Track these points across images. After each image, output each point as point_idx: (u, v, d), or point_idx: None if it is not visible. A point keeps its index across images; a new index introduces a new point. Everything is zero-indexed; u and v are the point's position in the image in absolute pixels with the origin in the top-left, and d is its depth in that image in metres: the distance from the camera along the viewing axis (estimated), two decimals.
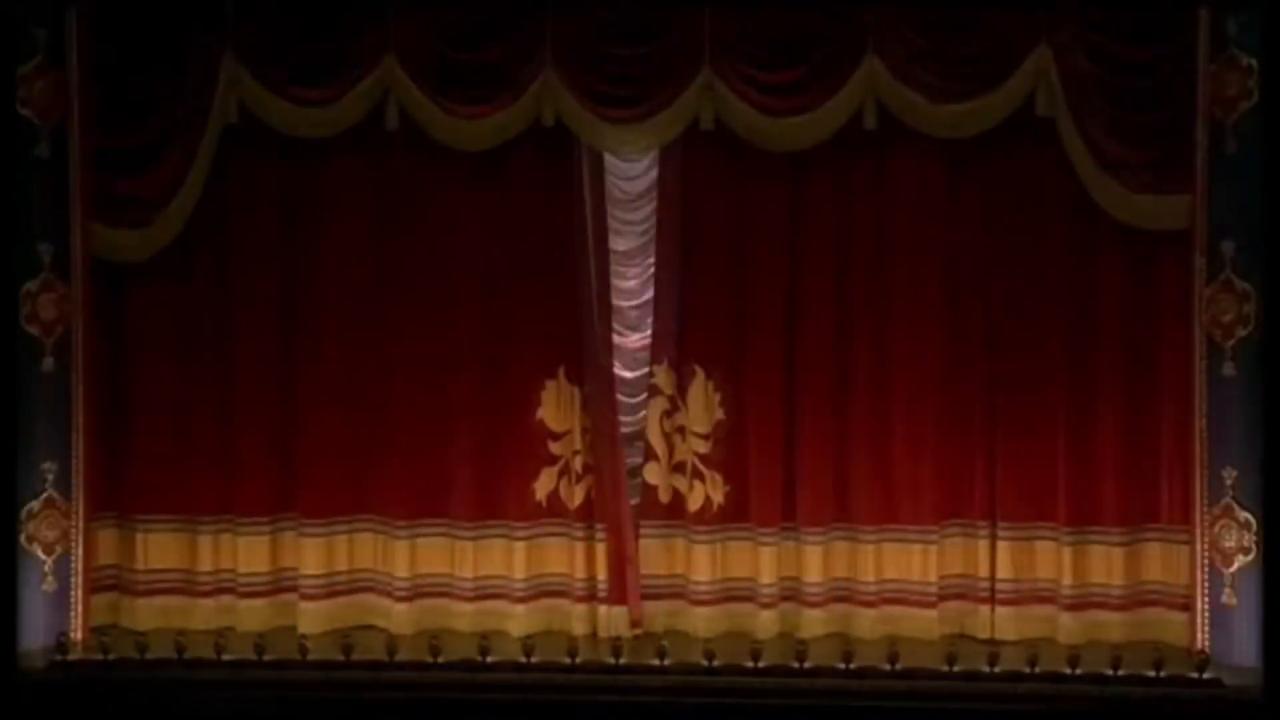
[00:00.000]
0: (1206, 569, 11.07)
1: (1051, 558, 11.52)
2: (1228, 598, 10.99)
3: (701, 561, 11.55)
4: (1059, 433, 11.48)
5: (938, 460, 11.56)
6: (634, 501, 11.60)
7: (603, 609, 11.49)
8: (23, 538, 11.12)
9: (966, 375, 11.57)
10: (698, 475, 11.59)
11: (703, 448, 11.63)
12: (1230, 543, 11.00)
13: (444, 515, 11.71)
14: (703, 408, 11.60)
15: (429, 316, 11.64)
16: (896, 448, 11.58)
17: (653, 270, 11.79)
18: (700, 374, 11.59)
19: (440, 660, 10.87)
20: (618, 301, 11.80)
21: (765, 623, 11.53)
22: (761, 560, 11.56)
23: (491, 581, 11.70)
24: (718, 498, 11.60)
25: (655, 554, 11.59)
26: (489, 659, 10.89)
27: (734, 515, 11.59)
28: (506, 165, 11.51)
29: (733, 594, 11.61)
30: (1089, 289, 11.46)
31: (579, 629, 11.56)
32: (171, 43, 11.21)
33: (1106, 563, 11.48)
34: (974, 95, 11.09)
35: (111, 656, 10.95)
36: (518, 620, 11.61)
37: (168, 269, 11.56)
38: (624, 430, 11.76)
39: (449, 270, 11.64)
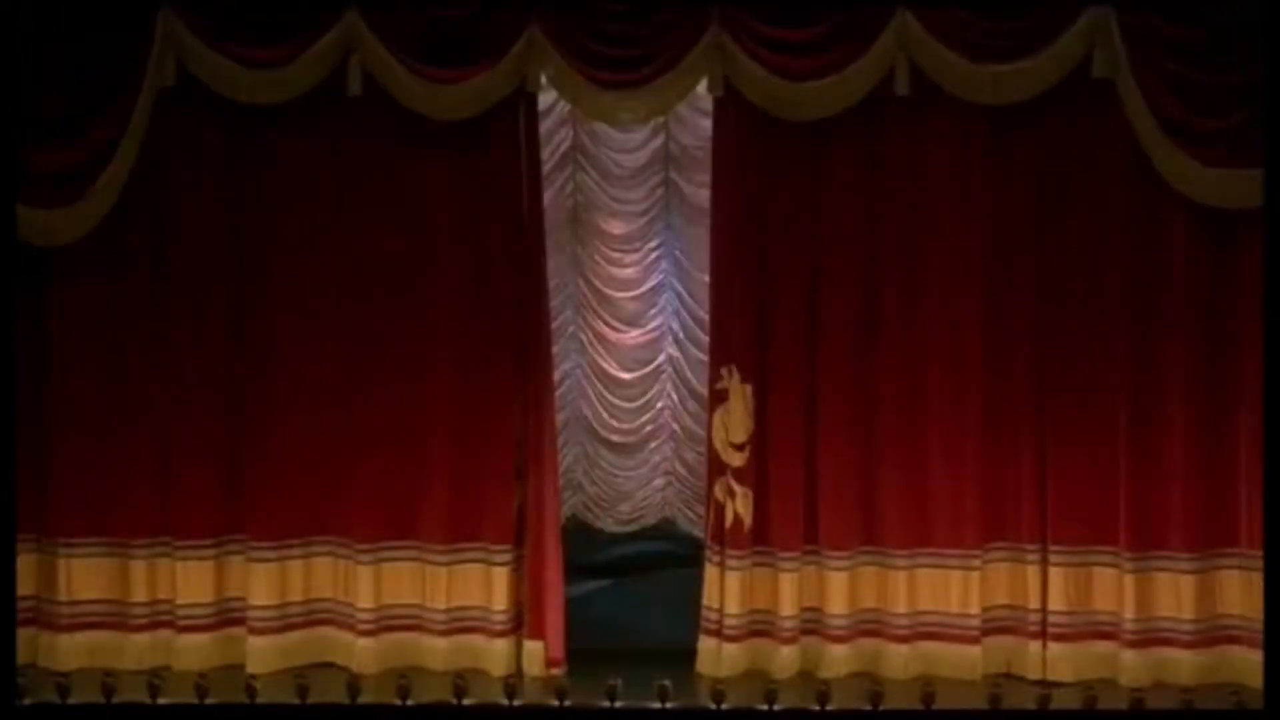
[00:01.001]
0: None
1: (1111, 586, 11.06)
2: None
3: (731, 589, 11.06)
4: (1119, 441, 11.01)
5: (979, 472, 11.08)
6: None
7: (522, 643, 11.18)
8: None
9: (1012, 374, 11.12)
10: (729, 492, 11.09)
11: (738, 460, 11.06)
12: None
13: (413, 536, 11.27)
14: (740, 416, 11.06)
15: (396, 309, 11.21)
16: (932, 457, 11.12)
17: (655, 257, 11.59)
18: (737, 377, 11.07)
19: (410, 703, 9.97)
20: (613, 293, 11.69)
21: (784, 660, 11.07)
22: (781, 588, 11.11)
23: (468, 612, 11.21)
24: (748, 517, 11.06)
25: (710, 584, 11.17)
26: (465, 701, 9.99)
27: (758, 537, 11.08)
28: (486, 136, 11.02)
29: (751, 628, 11.12)
30: (1154, 276, 11.01)
31: None
32: None
33: (1175, 592, 11.03)
34: (1022, 55, 10.69)
35: (28, 701, 9.95)
36: (497, 657, 11.12)
37: (98, 255, 11.11)
38: (618, 440, 11.70)
39: (419, 257, 11.21)
